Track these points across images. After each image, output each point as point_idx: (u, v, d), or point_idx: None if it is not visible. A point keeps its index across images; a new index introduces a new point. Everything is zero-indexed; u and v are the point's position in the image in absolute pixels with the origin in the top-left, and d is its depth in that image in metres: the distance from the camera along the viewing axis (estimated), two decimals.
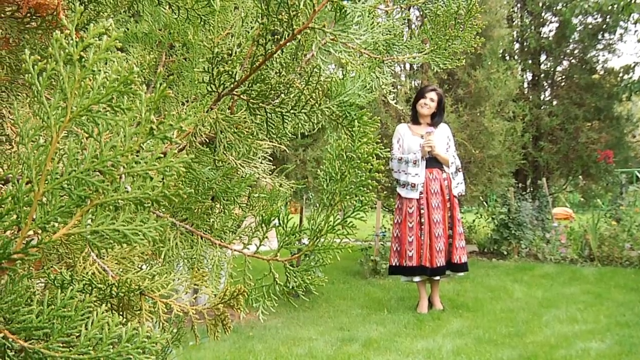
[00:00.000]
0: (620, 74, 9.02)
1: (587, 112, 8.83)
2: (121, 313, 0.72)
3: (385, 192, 7.12)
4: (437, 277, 4.69)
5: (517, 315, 4.56)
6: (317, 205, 0.68)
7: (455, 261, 4.65)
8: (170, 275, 0.75)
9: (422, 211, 4.62)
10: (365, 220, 0.72)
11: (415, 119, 4.76)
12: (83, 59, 0.54)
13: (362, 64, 0.81)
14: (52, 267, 0.84)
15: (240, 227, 0.94)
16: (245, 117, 0.78)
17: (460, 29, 0.83)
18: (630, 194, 7.89)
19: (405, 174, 4.63)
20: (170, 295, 0.78)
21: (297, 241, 0.76)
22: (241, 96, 0.75)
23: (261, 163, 0.97)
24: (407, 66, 7.85)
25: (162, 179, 0.58)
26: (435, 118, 4.69)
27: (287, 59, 0.74)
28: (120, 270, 0.78)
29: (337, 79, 0.73)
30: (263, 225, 0.73)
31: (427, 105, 4.63)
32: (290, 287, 0.69)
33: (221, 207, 0.90)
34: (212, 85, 0.74)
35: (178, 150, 0.75)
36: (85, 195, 0.55)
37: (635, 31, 9.94)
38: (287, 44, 0.71)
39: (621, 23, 8.74)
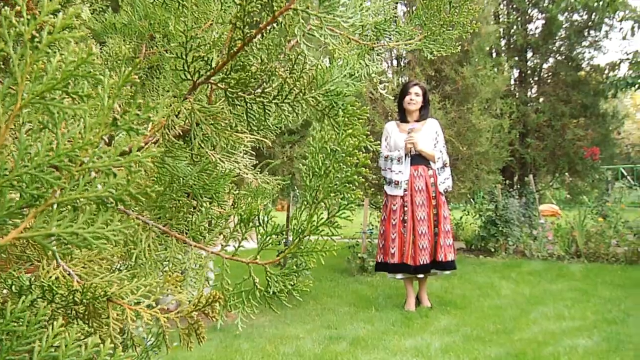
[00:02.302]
0: (606, 71, 9.06)
1: (574, 109, 8.85)
2: (86, 322, 0.66)
3: (372, 189, 7.08)
4: (421, 275, 4.64)
5: (504, 312, 4.55)
6: (300, 203, 0.63)
7: (440, 259, 4.56)
8: (142, 279, 0.69)
9: (405, 209, 4.59)
10: (351, 219, 0.66)
11: (402, 117, 4.72)
12: (35, 39, 0.48)
13: (351, 51, 0.76)
14: (15, 270, 0.78)
15: (222, 227, 0.88)
16: (223, 108, 0.72)
17: (455, 14, 0.78)
18: (616, 190, 7.94)
19: (391, 171, 4.62)
20: (147, 301, 0.72)
21: (281, 241, 0.71)
22: (218, 84, 0.69)
23: (242, 157, 0.91)
24: (394, 62, 7.81)
25: (128, 175, 0.52)
26: (422, 111, 4.67)
27: (269, 44, 0.68)
28: (88, 274, 0.72)
29: (324, 67, 0.67)
30: (242, 224, 0.67)
31: (414, 100, 4.61)
32: (272, 292, 0.64)
33: (199, 205, 0.84)
34: (186, 72, 0.68)
35: (149, 143, 0.69)
36: (39, 194, 0.49)
37: (620, 28, 9.98)
38: (268, 27, 0.65)
39: (606, 20, 8.78)
